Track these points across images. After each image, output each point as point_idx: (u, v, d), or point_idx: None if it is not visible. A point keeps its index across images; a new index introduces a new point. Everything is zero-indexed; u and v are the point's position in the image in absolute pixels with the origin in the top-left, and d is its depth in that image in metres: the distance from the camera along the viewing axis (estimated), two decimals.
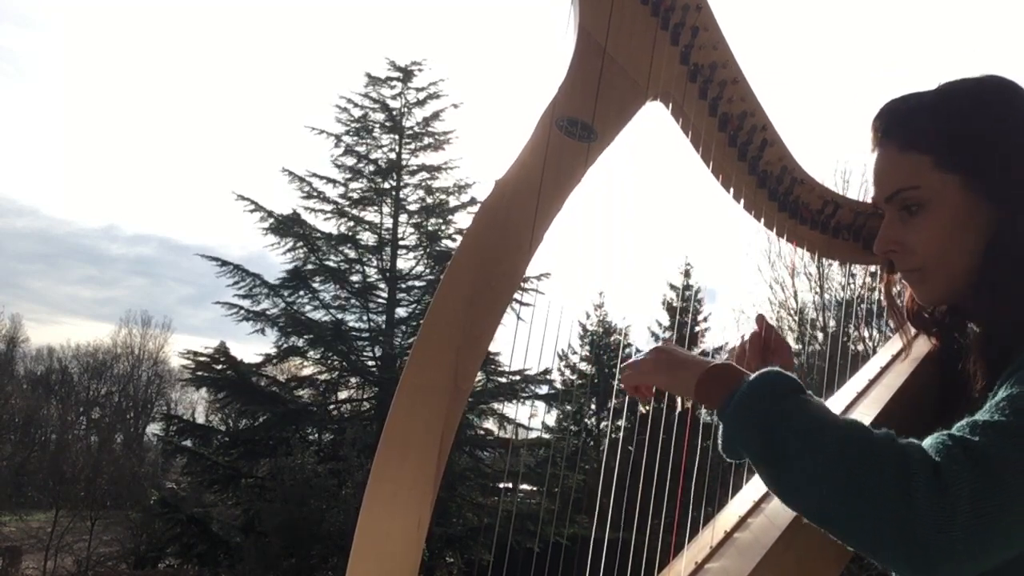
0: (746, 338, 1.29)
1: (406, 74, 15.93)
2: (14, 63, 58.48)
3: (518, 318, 1.23)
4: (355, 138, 15.90)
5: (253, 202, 14.96)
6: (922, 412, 1.22)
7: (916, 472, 0.79)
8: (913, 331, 1.30)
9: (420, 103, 16.03)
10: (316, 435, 15.39)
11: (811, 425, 0.85)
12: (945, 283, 1.05)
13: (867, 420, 1.26)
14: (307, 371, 15.79)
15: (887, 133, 1.07)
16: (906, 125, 1.05)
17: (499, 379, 14.74)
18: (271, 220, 15.10)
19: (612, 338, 20.00)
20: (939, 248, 1.03)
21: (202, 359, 14.78)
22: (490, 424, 15.28)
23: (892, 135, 1.06)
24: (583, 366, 21.06)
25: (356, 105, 15.93)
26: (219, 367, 14.72)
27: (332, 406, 15.58)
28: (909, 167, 1.04)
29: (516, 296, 1.08)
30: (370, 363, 15.45)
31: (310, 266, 15.38)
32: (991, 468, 0.79)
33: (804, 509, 0.86)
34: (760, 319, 1.30)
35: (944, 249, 1.03)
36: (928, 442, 0.84)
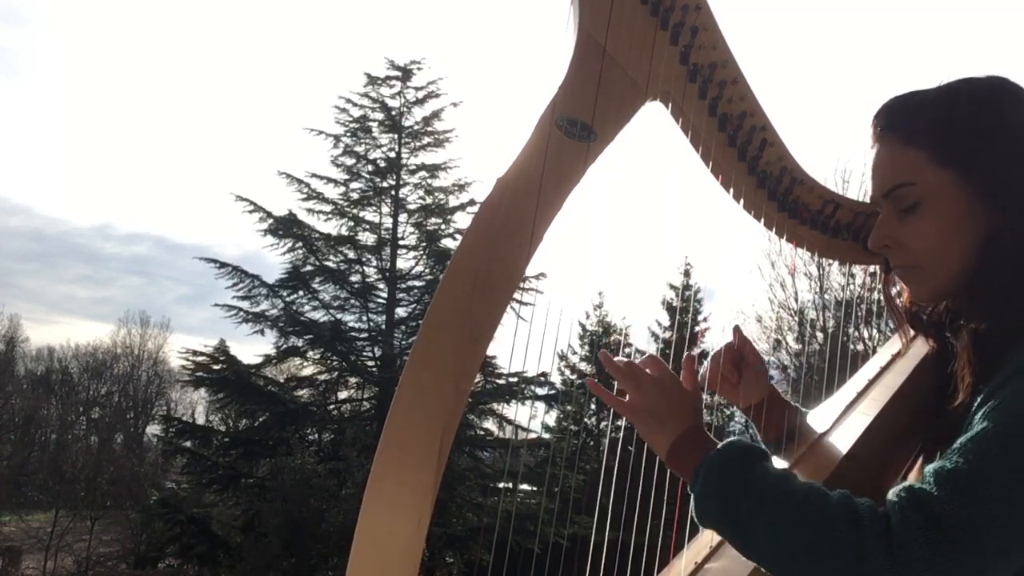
0: (720, 349, 1.31)
1: (405, 73, 15.88)
2: (8, 60, 58.46)
3: (518, 317, 1.23)
4: (354, 138, 15.86)
5: (252, 203, 14.93)
6: (921, 412, 1.22)
7: (867, 536, 0.82)
8: (912, 331, 1.30)
9: (419, 102, 15.99)
10: (316, 435, 15.36)
11: (770, 498, 0.90)
12: (939, 281, 1.05)
13: (866, 420, 1.26)
14: (307, 371, 15.77)
15: (887, 128, 1.07)
16: (906, 121, 1.05)
17: (497, 380, 14.72)
18: (270, 221, 15.06)
19: (612, 338, 20.00)
20: (934, 246, 1.03)
21: (201, 358, 14.75)
22: (490, 424, 15.28)
23: (892, 131, 1.06)
24: (583, 366, 21.05)
25: (355, 104, 15.89)
26: (218, 367, 14.68)
27: (332, 406, 15.55)
28: (906, 163, 1.04)
29: (516, 296, 1.08)
30: (370, 363, 15.42)
31: (309, 266, 15.35)
32: (943, 527, 0.80)
33: (774, 573, 0.91)
34: (736, 330, 1.32)
35: (939, 247, 1.03)
36: (889, 497, 0.86)
